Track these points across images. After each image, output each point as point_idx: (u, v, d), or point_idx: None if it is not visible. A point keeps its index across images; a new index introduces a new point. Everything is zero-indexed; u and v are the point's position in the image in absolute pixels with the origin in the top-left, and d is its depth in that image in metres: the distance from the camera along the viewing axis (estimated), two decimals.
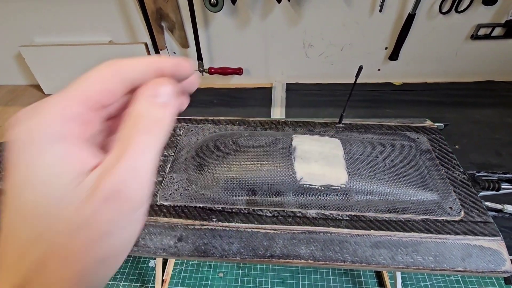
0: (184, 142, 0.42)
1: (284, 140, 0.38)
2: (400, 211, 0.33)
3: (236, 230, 0.32)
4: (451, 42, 0.70)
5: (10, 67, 0.88)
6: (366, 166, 0.36)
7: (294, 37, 0.74)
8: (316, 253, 0.31)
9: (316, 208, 0.34)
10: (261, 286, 0.46)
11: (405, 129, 0.43)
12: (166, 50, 0.80)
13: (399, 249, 0.31)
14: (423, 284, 0.44)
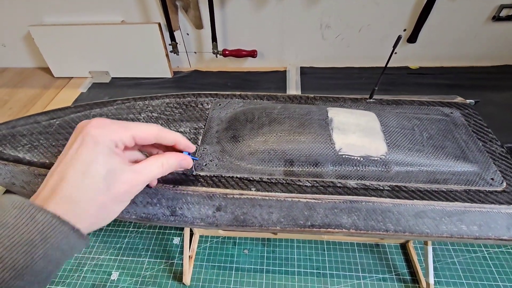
0: (213, 115, 0.41)
1: (319, 112, 0.37)
2: (442, 182, 0.33)
3: (276, 199, 0.32)
4: (471, 24, 0.70)
5: (19, 49, 0.86)
6: (404, 138, 0.36)
7: (311, 18, 0.73)
8: (358, 223, 0.31)
9: (355, 178, 0.33)
10: (287, 262, 0.46)
11: (437, 105, 0.43)
12: (180, 31, 0.78)
13: (443, 219, 0.31)
14: (450, 260, 0.44)
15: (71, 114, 0.43)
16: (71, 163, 0.23)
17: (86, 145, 0.23)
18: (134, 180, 0.25)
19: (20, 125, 0.42)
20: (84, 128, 0.24)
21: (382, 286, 0.42)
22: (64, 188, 0.22)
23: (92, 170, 0.23)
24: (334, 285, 0.43)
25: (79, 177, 0.22)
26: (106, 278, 0.45)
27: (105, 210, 0.24)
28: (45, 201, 0.22)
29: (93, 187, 0.23)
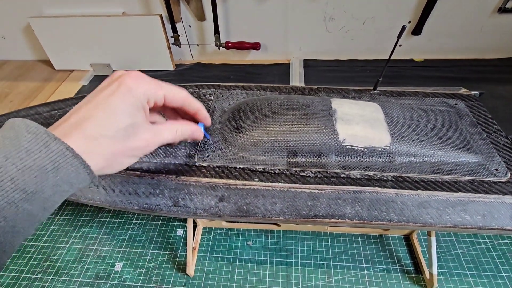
0: (216, 106, 0.41)
1: (323, 103, 0.37)
2: (446, 172, 0.33)
3: (280, 190, 0.32)
4: (477, 15, 0.69)
5: (19, 41, 0.86)
6: (408, 129, 0.35)
7: (315, 10, 0.72)
8: (362, 213, 0.31)
9: (359, 169, 0.33)
10: (291, 253, 0.46)
11: (442, 96, 0.42)
12: (182, 23, 0.78)
13: (447, 209, 0.30)
14: (454, 251, 0.44)
15: (72, 106, 0.42)
16: (101, 105, 0.23)
17: (120, 92, 0.24)
18: (151, 140, 0.26)
19: (21, 116, 0.42)
20: (122, 77, 0.25)
21: (386, 277, 0.43)
22: (87, 126, 0.22)
23: (119, 117, 0.23)
24: (337, 276, 0.43)
25: (105, 120, 0.23)
26: (109, 269, 0.45)
27: (116, 158, 0.24)
28: (64, 134, 0.22)
29: (114, 133, 0.23)
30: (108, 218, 0.52)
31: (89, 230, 0.50)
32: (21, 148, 0.19)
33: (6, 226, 0.18)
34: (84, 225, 0.51)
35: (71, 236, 0.49)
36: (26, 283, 0.44)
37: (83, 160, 0.21)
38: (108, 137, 0.23)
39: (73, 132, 0.22)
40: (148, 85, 0.25)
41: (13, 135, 0.20)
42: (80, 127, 0.22)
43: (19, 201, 0.18)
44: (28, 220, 0.19)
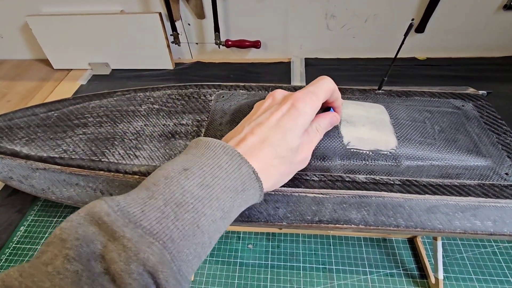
0: (217, 107, 0.40)
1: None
2: (454, 176, 0.32)
3: (283, 194, 0.31)
4: (481, 13, 0.67)
5: (16, 40, 0.84)
6: (415, 132, 0.34)
7: (316, 7, 0.71)
8: (368, 218, 0.30)
9: (364, 173, 0.32)
10: (292, 257, 0.45)
11: (449, 96, 0.41)
12: (181, 21, 0.76)
13: (456, 214, 0.29)
14: (459, 255, 0.43)
15: (69, 106, 0.41)
16: (274, 128, 0.24)
17: (290, 116, 0.25)
18: (308, 152, 0.28)
19: (17, 118, 0.41)
20: (292, 100, 0.26)
21: (390, 281, 0.42)
22: (265, 149, 0.24)
23: (289, 140, 0.25)
24: (340, 280, 0.42)
25: (279, 141, 0.24)
26: None
27: (282, 178, 0.26)
28: (246, 155, 0.23)
29: (284, 154, 0.25)
30: None
31: None
32: (222, 168, 0.21)
33: (207, 241, 0.19)
34: None
35: None
36: None
37: (261, 183, 0.23)
38: (280, 158, 0.24)
39: (253, 154, 0.23)
40: (312, 105, 0.26)
41: (212, 155, 0.21)
42: (258, 149, 0.23)
43: (219, 219, 0.20)
44: (217, 235, 0.21)
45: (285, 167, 0.25)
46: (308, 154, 0.28)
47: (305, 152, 0.28)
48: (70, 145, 0.36)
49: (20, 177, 0.36)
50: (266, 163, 0.24)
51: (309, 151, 0.28)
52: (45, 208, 0.51)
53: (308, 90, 0.27)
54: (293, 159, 0.26)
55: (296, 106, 0.25)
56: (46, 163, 0.34)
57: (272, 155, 0.24)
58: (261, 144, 0.24)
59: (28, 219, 0.49)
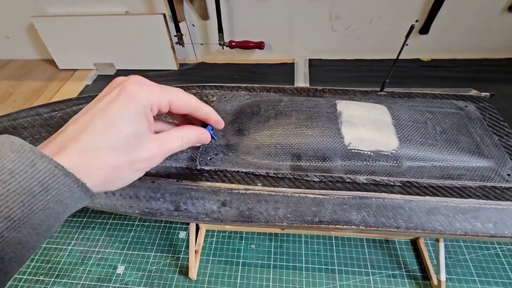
0: (219, 108, 0.40)
1: (327, 105, 0.36)
2: (455, 178, 0.31)
3: (283, 195, 0.31)
4: (485, 14, 0.67)
5: (22, 40, 0.86)
6: (417, 133, 0.34)
7: (321, 8, 0.71)
8: (368, 219, 0.30)
9: (365, 174, 0.32)
10: (295, 257, 0.45)
11: (451, 98, 0.41)
12: (185, 22, 0.77)
13: (457, 215, 0.29)
14: (462, 257, 0.43)
15: (73, 107, 0.42)
16: (99, 114, 0.21)
17: (120, 100, 0.22)
18: (157, 150, 0.24)
19: (21, 118, 0.42)
20: (122, 83, 0.23)
21: (392, 282, 0.42)
22: (84, 138, 0.20)
23: (119, 126, 0.21)
24: (342, 281, 0.42)
25: (104, 130, 0.21)
26: (111, 271, 0.45)
27: (118, 173, 0.22)
28: (58, 148, 0.20)
29: (114, 145, 0.21)
30: (110, 220, 0.51)
31: (91, 232, 0.50)
32: (4, 169, 0.17)
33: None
34: (86, 227, 0.50)
35: (73, 238, 0.49)
36: (28, 285, 0.44)
37: (76, 178, 0.19)
38: (107, 149, 0.21)
39: (68, 146, 0.20)
40: (151, 91, 0.23)
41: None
42: (75, 139, 0.20)
43: (4, 231, 0.17)
44: (19, 248, 0.17)
45: (119, 160, 0.22)
46: (157, 154, 0.24)
47: (153, 150, 0.24)
48: None
49: None
50: (88, 155, 0.20)
51: (159, 151, 0.24)
52: None
53: (155, 83, 0.24)
54: (130, 153, 0.22)
55: (127, 89, 0.22)
56: None
57: (94, 145, 0.20)
58: (80, 133, 0.20)
59: None
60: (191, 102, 0.26)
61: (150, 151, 0.24)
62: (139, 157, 0.23)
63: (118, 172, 0.22)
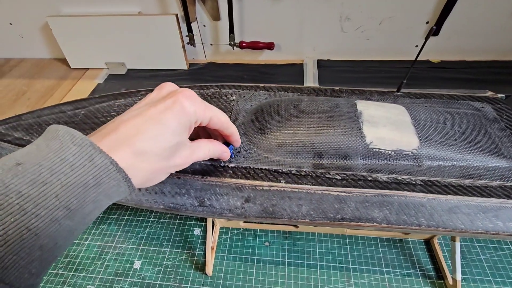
0: (238, 107, 0.41)
1: (347, 105, 0.37)
2: (476, 177, 0.32)
3: (306, 192, 0.32)
4: (497, 16, 0.67)
5: (36, 39, 0.87)
6: (436, 133, 0.35)
7: (331, 9, 0.71)
8: (390, 217, 0.31)
9: (386, 172, 0.33)
10: (309, 255, 0.46)
11: (467, 99, 0.41)
12: (197, 23, 0.78)
13: (478, 214, 0.30)
14: (476, 257, 0.44)
15: (96, 104, 0.43)
16: (152, 122, 0.23)
17: (173, 112, 0.24)
18: (188, 157, 0.26)
19: (45, 115, 0.42)
20: (176, 95, 0.24)
21: (407, 281, 0.42)
22: (137, 141, 0.22)
23: (168, 136, 0.23)
24: (357, 279, 0.43)
25: (156, 137, 0.23)
26: (129, 266, 0.46)
27: (155, 175, 0.24)
28: (112, 146, 0.21)
29: (161, 151, 0.23)
30: (126, 216, 0.52)
31: (107, 227, 0.50)
32: (66, 161, 0.19)
33: (49, 243, 0.18)
34: (103, 222, 0.51)
35: (90, 233, 0.50)
36: (47, 278, 0.44)
37: (125, 174, 0.21)
38: (154, 154, 0.23)
39: (122, 147, 0.21)
40: (199, 107, 0.25)
41: (58, 147, 0.19)
42: (129, 142, 0.22)
43: (62, 219, 0.18)
44: (68, 235, 0.19)
45: (160, 165, 0.24)
46: (187, 161, 0.26)
47: (183, 158, 0.26)
48: None
49: None
50: (137, 158, 0.22)
51: (189, 159, 0.26)
52: None
53: (201, 99, 0.27)
54: (169, 159, 0.24)
55: (182, 102, 0.24)
56: None
57: (145, 149, 0.22)
58: (134, 136, 0.22)
59: None
60: (225, 120, 0.29)
61: (183, 158, 0.26)
62: (175, 163, 0.25)
63: (155, 174, 0.24)
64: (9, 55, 0.92)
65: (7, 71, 0.87)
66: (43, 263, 0.18)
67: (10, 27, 0.84)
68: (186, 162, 0.26)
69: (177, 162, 0.25)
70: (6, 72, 0.87)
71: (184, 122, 0.24)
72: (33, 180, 0.18)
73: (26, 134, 0.40)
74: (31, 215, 0.17)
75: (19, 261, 0.17)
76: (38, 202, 0.17)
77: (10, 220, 0.16)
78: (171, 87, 0.26)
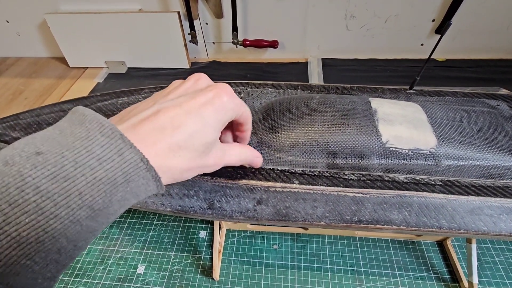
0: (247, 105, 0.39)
1: (361, 102, 0.36)
2: (497, 177, 0.31)
3: (321, 193, 0.30)
4: (503, 14, 0.67)
5: (33, 38, 0.85)
6: (454, 131, 0.34)
7: (336, 7, 0.70)
8: (409, 219, 0.29)
9: (404, 172, 0.31)
10: (319, 258, 0.44)
11: (482, 96, 0.40)
12: (199, 20, 0.76)
13: (501, 216, 0.29)
14: (491, 259, 0.42)
15: (97, 103, 0.41)
16: (193, 115, 0.21)
17: (214, 106, 0.22)
18: (219, 159, 0.24)
19: (45, 113, 0.41)
20: (215, 89, 0.23)
21: (420, 285, 0.41)
22: (176, 135, 0.20)
23: (206, 132, 0.21)
24: (370, 283, 0.41)
25: (194, 132, 0.21)
26: (132, 271, 0.44)
27: (184, 174, 0.22)
28: (147, 138, 0.19)
29: (196, 147, 0.21)
30: (129, 218, 0.50)
31: (109, 230, 0.49)
32: (93, 154, 0.16)
33: (68, 246, 0.16)
34: None
35: None
36: None
37: (156, 173, 0.19)
38: (190, 150, 0.21)
39: (158, 138, 0.19)
40: (237, 104, 0.24)
41: (84, 135, 0.17)
42: (167, 133, 0.19)
43: (85, 219, 0.16)
44: (89, 236, 0.17)
45: (192, 164, 0.21)
46: (218, 163, 0.24)
47: (217, 158, 0.24)
48: None
49: None
50: (172, 154, 0.20)
51: (220, 161, 0.25)
52: None
53: (235, 95, 0.25)
54: (203, 158, 0.22)
55: (222, 98, 0.22)
56: None
57: (183, 145, 0.20)
58: (173, 129, 0.20)
59: None
60: (250, 117, 0.27)
61: (214, 159, 0.24)
62: (206, 163, 0.23)
63: (185, 173, 0.22)
64: (5, 54, 0.90)
65: (3, 70, 0.85)
66: (59, 266, 0.16)
67: (7, 25, 0.82)
68: (217, 163, 0.24)
69: (209, 162, 0.23)
70: (2, 71, 0.85)
71: (222, 119, 0.23)
72: (54, 174, 0.15)
73: (24, 134, 0.38)
74: (50, 215, 0.15)
75: (33, 266, 0.15)
76: (58, 201, 0.15)
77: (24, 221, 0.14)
78: (207, 79, 0.25)
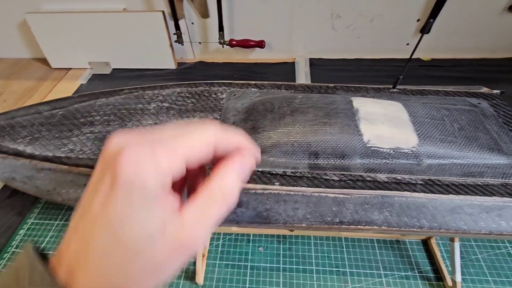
0: (229, 106, 0.39)
1: (343, 102, 0.35)
2: (477, 175, 0.31)
3: (302, 194, 0.30)
4: (486, 14, 0.68)
5: (13, 38, 0.82)
6: (435, 129, 0.34)
7: (322, 7, 0.70)
8: (391, 219, 0.29)
9: (385, 172, 0.31)
10: (305, 260, 0.44)
11: (463, 95, 0.41)
12: (184, 20, 0.75)
13: (481, 214, 0.29)
14: (474, 257, 0.43)
15: (75, 104, 0.40)
16: (97, 223, 0.15)
17: (117, 195, 0.14)
18: (205, 228, 0.16)
19: (19, 116, 0.39)
20: (114, 165, 0.15)
21: (405, 284, 0.41)
22: (89, 260, 0.15)
23: (130, 235, 0.14)
24: (355, 283, 0.41)
25: (108, 246, 0.15)
26: None
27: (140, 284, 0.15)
28: (70, 273, 0.15)
29: (127, 257, 0.15)
30: None
31: None
32: None
33: None
34: None
35: None
36: None
37: None
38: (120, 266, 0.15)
39: (80, 269, 0.15)
40: (155, 162, 0.15)
41: None
42: (82, 262, 0.15)
43: None
44: None
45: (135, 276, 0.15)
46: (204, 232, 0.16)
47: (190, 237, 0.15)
48: (77, 144, 0.35)
49: (24, 178, 0.35)
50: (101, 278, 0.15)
51: (205, 229, 0.16)
52: (46, 210, 0.49)
53: (154, 138, 0.15)
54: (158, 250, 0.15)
55: (122, 174, 0.14)
56: (52, 162, 0.33)
57: (104, 263, 0.15)
58: (86, 251, 0.15)
59: (28, 221, 0.47)
60: (211, 140, 0.17)
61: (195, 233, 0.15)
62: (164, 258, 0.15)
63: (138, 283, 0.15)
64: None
65: None
66: None
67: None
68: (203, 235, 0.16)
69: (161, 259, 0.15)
70: None
71: (141, 201, 0.15)
72: None
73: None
74: None
75: None
76: None
77: None
78: (109, 153, 0.15)
